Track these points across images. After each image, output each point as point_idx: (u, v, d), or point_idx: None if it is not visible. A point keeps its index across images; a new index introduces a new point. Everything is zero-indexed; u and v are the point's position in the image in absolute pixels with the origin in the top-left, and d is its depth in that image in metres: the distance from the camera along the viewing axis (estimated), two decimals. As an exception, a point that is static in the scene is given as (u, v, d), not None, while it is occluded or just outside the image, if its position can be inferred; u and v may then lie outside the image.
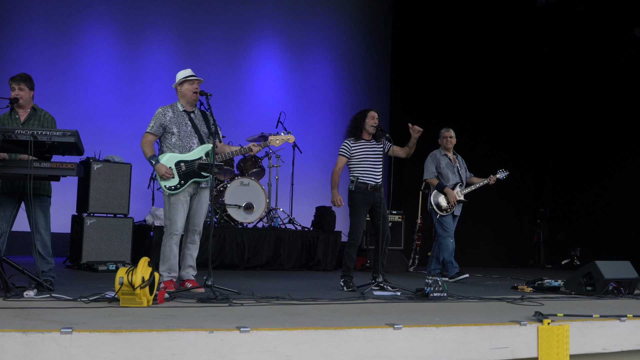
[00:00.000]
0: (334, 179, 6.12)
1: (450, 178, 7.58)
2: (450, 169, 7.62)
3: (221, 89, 9.80)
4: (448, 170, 7.60)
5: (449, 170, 7.60)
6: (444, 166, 7.61)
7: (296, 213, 9.59)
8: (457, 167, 7.69)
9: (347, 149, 6.11)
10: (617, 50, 11.78)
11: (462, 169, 7.75)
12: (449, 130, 7.74)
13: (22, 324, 3.12)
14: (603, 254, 7.16)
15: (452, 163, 7.67)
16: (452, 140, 7.69)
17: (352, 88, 12.21)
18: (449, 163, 7.65)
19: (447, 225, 7.48)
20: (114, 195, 7.37)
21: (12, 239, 5.46)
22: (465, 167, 7.82)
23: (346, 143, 6.14)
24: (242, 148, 5.49)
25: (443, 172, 7.60)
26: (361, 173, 6.02)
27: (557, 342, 3.82)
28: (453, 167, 7.65)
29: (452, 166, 7.66)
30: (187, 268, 5.26)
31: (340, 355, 3.27)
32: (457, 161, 7.74)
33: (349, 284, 5.85)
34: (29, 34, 9.52)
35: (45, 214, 5.12)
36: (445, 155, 7.67)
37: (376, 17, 12.65)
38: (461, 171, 7.71)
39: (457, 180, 7.60)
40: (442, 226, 7.50)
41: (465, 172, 7.78)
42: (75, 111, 9.38)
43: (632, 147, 11.32)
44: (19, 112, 5.14)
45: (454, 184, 7.55)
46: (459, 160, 7.80)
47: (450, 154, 7.71)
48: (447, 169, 7.60)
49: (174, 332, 3.01)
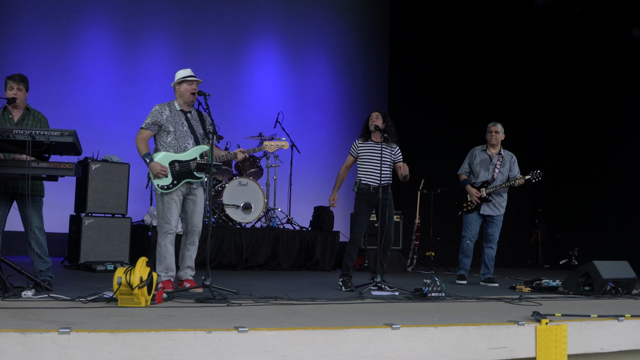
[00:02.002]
0: (339, 177, 6.26)
1: (480, 175, 7.26)
2: (484, 166, 7.27)
3: (219, 89, 9.79)
4: (481, 167, 7.27)
5: (481, 168, 7.26)
6: (477, 162, 7.30)
7: (294, 213, 9.59)
8: (497, 164, 7.25)
9: (354, 149, 6.23)
10: (615, 50, 11.80)
11: (505, 168, 7.26)
12: (496, 125, 7.33)
13: (20, 324, 3.11)
14: (601, 254, 7.16)
15: (491, 160, 7.28)
16: (497, 135, 7.26)
17: (351, 88, 12.21)
18: (486, 160, 7.29)
19: (468, 225, 7.23)
20: (112, 195, 7.37)
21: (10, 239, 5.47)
22: (509, 167, 7.30)
23: (355, 143, 6.25)
24: (229, 153, 5.49)
25: (474, 169, 7.31)
26: (364, 174, 6.08)
27: (555, 342, 3.83)
28: (489, 165, 7.26)
29: (489, 163, 7.27)
30: (185, 268, 5.26)
31: (339, 355, 3.27)
32: (500, 159, 7.28)
33: (347, 284, 5.86)
34: (27, 34, 9.51)
35: (39, 213, 5.11)
36: (485, 152, 7.33)
37: (374, 17, 12.65)
38: (501, 169, 7.24)
39: (487, 178, 7.22)
40: (464, 224, 7.29)
41: (507, 172, 7.27)
42: (74, 111, 9.38)
43: (630, 147, 11.33)
44: (13, 112, 5.13)
45: (482, 182, 7.22)
46: (505, 159, 7.31)
47: (494, 150, 7.31)
48: (481, 166, 7.27)
49: (172, 332, 3.01)
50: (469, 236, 7.23)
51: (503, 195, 7.26)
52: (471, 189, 7.25)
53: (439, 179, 10.43)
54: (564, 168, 12.66)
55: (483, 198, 7.16)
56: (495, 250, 7.24)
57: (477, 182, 7.28)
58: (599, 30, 12.02)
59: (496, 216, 7.23)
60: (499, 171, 7.26)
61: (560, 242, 12.32)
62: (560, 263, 11.95)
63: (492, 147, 7.34)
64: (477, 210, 7.24)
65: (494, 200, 7.21)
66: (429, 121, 11.93)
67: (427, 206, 10.21)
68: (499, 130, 7.30)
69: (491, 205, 7.21)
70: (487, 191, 7.17)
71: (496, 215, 7.23)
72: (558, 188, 12.75)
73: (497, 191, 7.19)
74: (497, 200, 7.23)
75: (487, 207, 7.21)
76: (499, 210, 7.23)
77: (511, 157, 7.39)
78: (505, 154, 7.37)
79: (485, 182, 7.24)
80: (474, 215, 7.25)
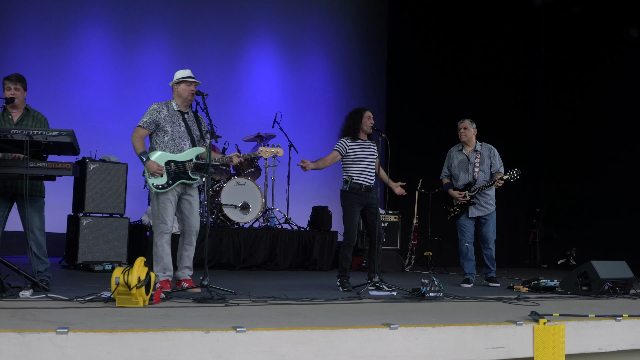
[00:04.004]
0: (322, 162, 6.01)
1: (460, 178, 7.08)
2: (463, 167, 7.08)
3: (217, 89, 9.77)
4: (460, 169, 7.08)
5: (460, 170, 7.08)
6: (455, 165, 7.12)
7: (292, 213, 9.58)
8: (476, 163, 7.01)
9: (344, 147, 6.06)
10: (613, 50, 11.82)
11: (484, 165, 7.01)
12: (464, 122, 7.09)
13: (17, 324, 3.11)
14: (599, 254, 7.16)
15: (469, 160, 7.06)
16: (466, 132, 7.03)
17: (349, 88, 12.21)
18: (464, 160, 7.09)
19: (461, 228, 7.05)
20: (110, 195, 7.36)
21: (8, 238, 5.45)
22: (490, 162, 7.04)
23: (343, 141, 6.09)
24: (224, 157, 5.49)
25: (454, 172, 7.14)
26: (356, 173, 6.00)
27: (553, 342, 3.83)
28: (468, 165, 7.05)
29: (468, 163, 7.06)
30: (183, 268, 5.26)
31: (337, 355, 3.27)
32: (478, 155, 7.03)
33: (345, 284, 5.85)
34: (24, 33, 9.50)
35: (40, 214, 5.11)
36: (461, 151, 7.12)
37: (372, 16, 12.66)
38: (482, 167, 7.00)
39: (468, 179, 7.03)
40: (458, 229, 7.10)
41: (488, 168, 7.04)
42: (71, 111, 9.36)
43: (627, 147, 11.34)
44: (12, 112, 5.12)
45: (464, 184, 7.04)
46: (483, 154, 7.06)
47: (470, 147, 7.08)
48: (459, 168, 7.09)
49: (170, 332, 3.01)
50: (465, 239, 7.04)
51: (488, 193, 7.03)
52: (454, 192, 7.07)
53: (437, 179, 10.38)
54: (561, 168, 12.67)
55: (468, 202, 6.98)
56: (492, 250, 7.07)
57: (460, 184, 7.10)
58: (596, 31, 12.04)
59: (486, 215, 7.03)
60: (479, 169, 7.01)
61: (558, 242, 12.33)
62: (558, 263, 11.96)
63: (467, 145, 7.10)
64: (465, 214, 7.06)
65: (479, 200, 7.00)
66: (426, 121, 11.93)
67: (425, 206, 10.20)
68: (467, 127, 7.06)
69: (478, 206, 7.01)
70: (469, 194, 6.96)
71: (486, 215, 7.03)
72: (556, 188, 12.77)
73: (482, 192, 6.98)
74: (482, 199, 7.00)
75: (474, 209, 7.01)
76: (487, 209, 7.02)
77: (489, 150, 7.10)
78: (482, 148, 7.10)
79: (467, 185, 7.04)
80: (464, 219, 7.06)
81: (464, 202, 7.02)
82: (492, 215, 7.08)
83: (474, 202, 7.01)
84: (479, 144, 7.17)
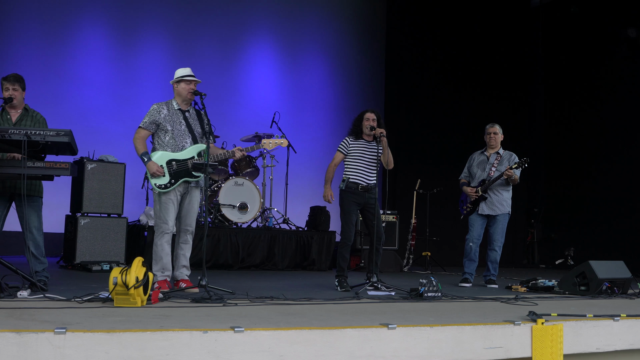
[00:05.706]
0: (328, 174, 6.14)
1: (477, 175, 7.10)
2: (481, 166, 7.10)
3: (215, 89, 9.78)
4: (478, 168, 7.10)
5: (478, 169, 7.10)
6: (474, 165, 7.16)
7: (290, 213, 9.58)
8: (494, 163, 7.03)
9: (345, 146, 6.12)
10: (611, 51, 11.83)
11: (502, 166, 7.00)
12: (494, 126, 7.14)
13: (15, 324, 3.10)
14: (597, 254, 7.17)
15: (488, 159, 7.08)
16: (495, 137, 7.07)
17: (347, 88, 12.22)
18: (484, 160, 7.11)
19: (470, 226, 7.05)
20: (107, 195, 7.35)
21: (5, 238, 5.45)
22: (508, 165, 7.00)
23: (345, 140, 6.16)
24: (227, 152, 5.46)
25: (472, 171, 7.17)
26: (353, 173, 6.01)
27: (551, 342, 3.83)
28: (486, 164, 7.07)
29: (487, 163, 7.08)
30: (180, 268, 5.26)
31: (335, 355, 3.27)
32: (498, 157, 7.06)
33: (343, 284, 5.85)
34: (23, 33, 9.49)
35: (38, 214, 5.10)
36: (483, 153, 7.17)
37: (371, 17, 12.66)
38: (499, 167, 7.00)
39: (484, 176, 7.03)
40: (469, 226, 7.10)
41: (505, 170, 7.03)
42: (69, 111, 9.36)
43: (626, 147, 11.36)
44: (11, 112, 5.12)
45: (479, 181, 7.04)
46: (503, 157, 7.08)
47: (493, 151, 7.12)
48: (478, 168, 7.11)
49: (168, 332, 3.01)
50: (471, 238, 7.03)
51: (502, 193, 7.00)
52: (467, 188, 7.14)
53: (435, 179, 10.45)
54: (560, 168, 12.69)
55: (480, 196, 6.98)
56: (497, 254, 7.03)
57: (475, 183, 7.13)
58: (594, 31, 12.06)
59: (496, 216, 6.99)
60: (496, 169, 7.01)
61: (556, 242, 12.35)
62: (556, 263, 11.98)
63: (491, 148, 7.15)
64: (476, 211, 7.05)
65: (491, 198, 6.97)
66: (425, 121, 11.94)
67: (423, 206, 10.20)
68: (497, 132, 7.11)
69: (489, 204, 6.98)
70: (482, 189, 6.97)
71: (496, 215, 6.99)
72: (554, 188, 12.79)
73: (496, 190, 6.97)
74: (495, 198, 6.98)
75: (485, 207, 6.99)
76: (499, 209, 6.99)
77: (510, 155, 7.14)
78: (504, 153, 7.15)
79: (482, 181, 7.05)
80: (475, 216, 7.05)
81: (476, 197, 7.02)
82: (503, 217, 7.04)
83: (485, 197, 6.98)
84: (502, 149, 7.22)
